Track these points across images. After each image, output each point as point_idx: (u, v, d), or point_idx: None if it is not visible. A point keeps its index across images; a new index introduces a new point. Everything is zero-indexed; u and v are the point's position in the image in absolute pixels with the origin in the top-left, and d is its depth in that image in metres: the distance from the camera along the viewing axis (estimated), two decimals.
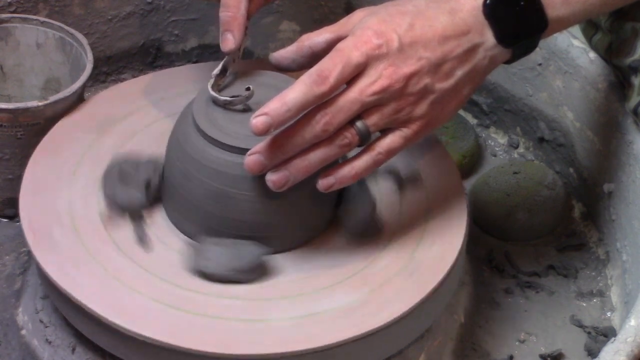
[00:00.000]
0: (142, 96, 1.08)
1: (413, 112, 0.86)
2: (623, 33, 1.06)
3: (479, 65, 0.87)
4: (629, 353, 0.83)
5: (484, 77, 0.89)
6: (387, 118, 0.85)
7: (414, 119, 0.86)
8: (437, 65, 0.85)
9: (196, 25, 1.32)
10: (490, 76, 1.28)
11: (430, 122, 0.87)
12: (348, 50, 0.84)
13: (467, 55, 0.86)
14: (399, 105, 0.85)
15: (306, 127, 0.84)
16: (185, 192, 0.93)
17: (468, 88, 0.88)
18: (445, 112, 0.88)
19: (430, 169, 1.03)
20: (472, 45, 0.86)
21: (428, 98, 0.86)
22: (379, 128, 0.86)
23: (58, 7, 1.23)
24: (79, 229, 0.94)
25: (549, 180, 1.18)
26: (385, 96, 0.84)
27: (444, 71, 0.86)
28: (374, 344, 0.88)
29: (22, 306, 1.01)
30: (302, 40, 0.90)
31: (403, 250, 0.95)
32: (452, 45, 0.85)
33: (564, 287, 1.12)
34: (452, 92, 0.87)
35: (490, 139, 1.31)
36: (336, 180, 0.87)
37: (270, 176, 0.86)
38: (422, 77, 0.85)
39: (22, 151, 1.06)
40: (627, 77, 1.07)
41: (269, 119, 0.83)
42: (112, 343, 0.88)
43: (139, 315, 0.87)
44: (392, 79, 0.84)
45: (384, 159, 0.87)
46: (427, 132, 0.88)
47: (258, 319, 0.88)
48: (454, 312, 1.03)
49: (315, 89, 0.83)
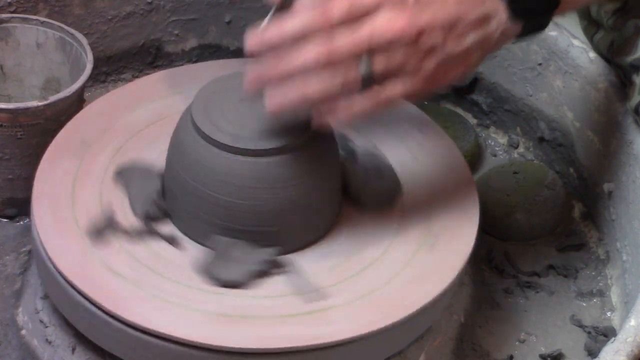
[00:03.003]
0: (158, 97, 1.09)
1: (419, 66, 0.83)
2: (625, 31, 1.06)
3: (491, 36, 0.86)
4: (629, 353, 0.83)
5: (495, 49, 0.88)
6: (393, 66, 0.83)
7: (419, 74, 0.84)
8: (452, 24, 0.83)
9: (196, 25, 1.32)
10: (491, 76, 1.29)
11: (434, 81, 0.85)
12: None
13: (480, 22, 0.85)
14: (407, 56, 0.83)
15: (309, 56, 0.81)
16: (186, 194, 0.93)
17: (477, 55, 0.86)
18: (449, 75, 0.86)
19: (439, 168, 1.03)
20: (486, 13, 0.85)
21: (437, 56, 0.84)
22: (382, 74, 0.83)
23: (58, 7, 1.23)
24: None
25: (549, 180, 1.18)
26: (396, 43, 0.82)
27: (457, 32, 0.84)
28: (374, 344, 0.88)
29: (22, 306, 1.01)
30: None
31: (407, 252, 0.95)
32: (468, 9, 0.84)
33: (564, 287, 1.12)
34: (461, 57, 0.85)
35: (490, 139, 1.31)
36: (330, 111, 0.84)
37: (269, 95, 0.83)
38: (434, 32, 0.83)
39: (22, 151, 1.06)
40: (628, 75, 1.06)
41: (263, 43, 0.82)
42: (112, 343, 0.89)
43: (144, 314, 0.87)
44: (406, 26, 0.81)
45: (382, 104, 0.84)
46: (429, 90, 0.86)
47: (250, 315, 0.88)
48: (454, 312, 1.03)
49: (316, 21, 0.81)
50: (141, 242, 0.93)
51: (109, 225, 0.93)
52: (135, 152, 1.01)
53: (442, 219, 0.98)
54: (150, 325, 0.85)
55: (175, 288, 0.89)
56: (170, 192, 0.95)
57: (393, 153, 1.04)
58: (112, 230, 0.93)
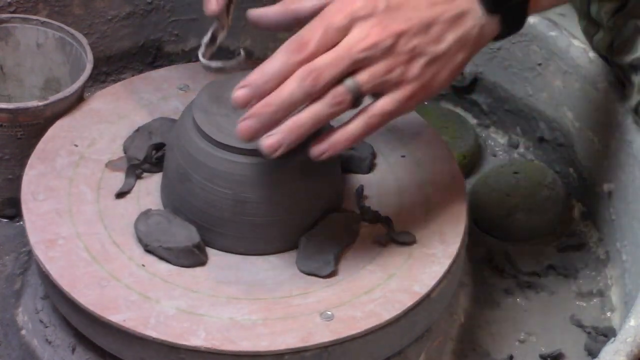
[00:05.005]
0: (140, 95, 1.09)
1: (405, 73, 0.83)
2: (625, 31, 1.06)
3: (470, 33, 0.85)
4: (629, 353, 0.83)
5: (476, 48, 0.87)
6: (378, 78, 0.83)
7: (407, 81, 0.84)
8: (427, 27, 0.83)
9: (196, 25, 1.32)
10: (491, 76, 1.29)
11: (424, 87, 0.85)
12: (331, 14, 0.82)
13: (456, 21, 0.85)
14: (389, 65, 0.83)
15: (294, 86, 0.81)
16: (185, 191, 0.93)
17: (461, 56, 0.86)
18: (439, 79, 0.85)
19: (430, 165, 1.03)
20: (461, 11, 0.85)
21: (419, 60, 0.84)
22: (370, 89, 0.83)
23: (58, 7, 1.23)
24: (80, 229, 0.94)
25: (549, 180, 1.18)
26: (375, 53, 0.82)
27: (434, 34, 0.84)
28: (358, 350, 0.88)
29: (22, 306, 1.01)
30: (288, 3, 0.88)
31: (395, 257, 0.94)
32: (441, 9, 0.84)
33: (564, 287, 1.12)
34: (445, 57, 0.85)
35: (490, 139, 1.31)
36: (329, 146, 0.84)
37: (264, 141, 0.83)
38: (411, 36, 0.83)
39: (22, 151, 1.05)
40: (628, 75, 1.06)
41: (249, 90, 0.82)
42: (112, 343, 0.89)
43: (138, 315, 0.87)
44: (381, 35, 0.82)
45: (377, 122, 0.84)
46: (421, 98, 0.85)
47: (245, 317, 0.88)
48: (454, 312, 1.03)
49: (294, 56, 0.81)
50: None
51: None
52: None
53: (432, 218, 0.98)
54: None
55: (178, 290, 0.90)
56: (167, 182, 0.96)
57: (386, 154, 1.04)
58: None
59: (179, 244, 0.91)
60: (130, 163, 1.00)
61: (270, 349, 0.85)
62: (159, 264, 0.91)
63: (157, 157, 1.00)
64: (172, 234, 0.92)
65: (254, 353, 0.85)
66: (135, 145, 1.01)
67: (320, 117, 0.82)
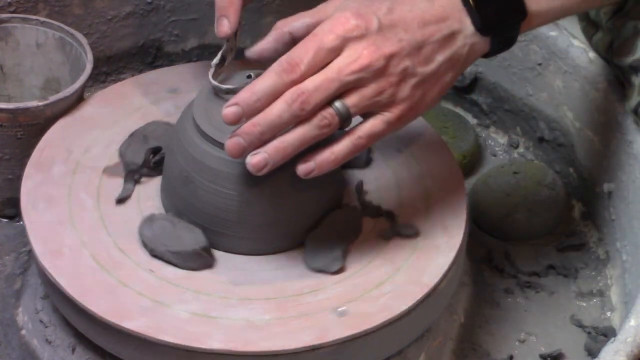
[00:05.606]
0: (142, 95, 1.09)
1: (395, 94, 0.84)
2: (624, 32, 1.06)
3: (459, 53, 0.86)
4: (629, 353, 0.83)
5: (465, 66, 0.88)
6: (367, 100, 0.83)
7: (396, 103, 0.84)
8: (418, 48, 0.84)
9: (196, 25, 1.32)
10: (491, 76, 1.29)
11: (413, 107, 0.85)
12: (322, 34, 0.82)
13: (446, 41, 0.85)
14: (379, 87, 0.83)
15: (283, 107, 0.82)
16: (188, 194, 0.93)
17: (450, 75, 0.87)
18: (427, 98, 0.86)
19: (430, 166, 1.03)
20: (451, 31, 0.85)
21: (410, 81, 0.84)
22: (359, 110, 0.84)
23: (58, 7, 1.23)
24: (81, 230, 0.94)
25: (549, 180, 1.18)
26: (365, 76, 0.83)
27: (425, 55, 0.85)
28: (373, 344, 0.88)
29: (22, 306, 1.01)
30: (279, 27, 0.88)
31: (401, 250, 0.95)
32: (432, 30, 0.85)
33: (564, 287, 1.12)
34: (434, 78, 0.86)
35: (490, 139, 1.31)
36: (316, 165, 0.84)
37: (249, 159, 0.84)
38: (403, 58, 0.84)
39: (22, 151, 1.06)
40: (627, 76, 1.06)
41: (239, 108, 0.82)
42: (112, 343, 0.89)
43: (139, 315, 0.87)
44: (372, 57, 0.82)
45: (364, 143, 0.85)
46: (409, 118, 0.86)
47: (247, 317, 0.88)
48: (454, 312, 1.03)
49: (285, 77, 0.82)
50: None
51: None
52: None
53: (432, 217, 0.98)
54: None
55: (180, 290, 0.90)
56: (167, 183, 0.96)
57: (386, 156, 1.04)
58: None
59: (186, 248, 0.91)
60: (128, 168, 0.99)
61: (288, 348, 0.85)
62: (167, 268, 0.91)
63: (155, 161, 0.99)
64: (178, 238, 0.91)
65: (273, 352, 0.85)
66: (132, 150, 1.00)
67: (306, 138, 0.83)
